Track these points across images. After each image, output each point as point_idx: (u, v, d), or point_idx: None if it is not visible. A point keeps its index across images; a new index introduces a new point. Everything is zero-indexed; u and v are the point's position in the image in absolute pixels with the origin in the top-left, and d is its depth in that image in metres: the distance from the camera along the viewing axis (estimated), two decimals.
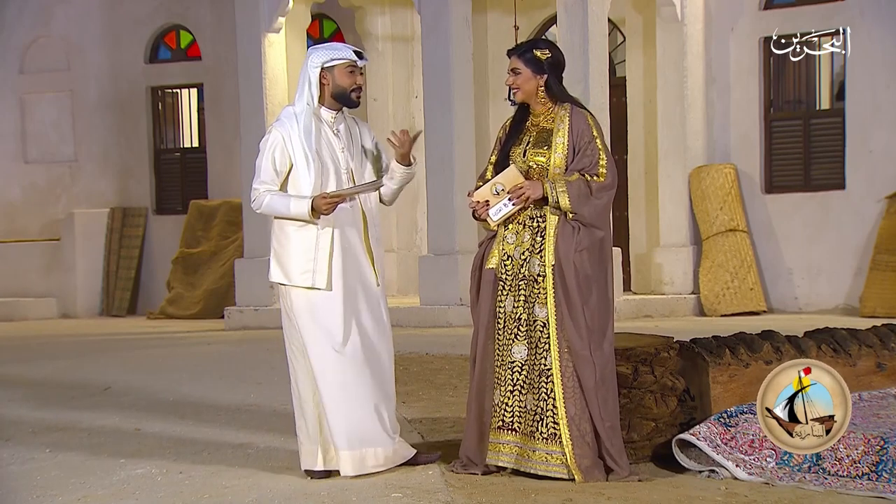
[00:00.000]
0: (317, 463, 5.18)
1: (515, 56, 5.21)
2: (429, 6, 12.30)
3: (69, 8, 16.55)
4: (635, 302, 12.58)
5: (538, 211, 5.11)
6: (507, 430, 5.09)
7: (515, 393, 5.08)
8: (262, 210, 5.27)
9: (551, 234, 5.06)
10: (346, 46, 5.33)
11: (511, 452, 5.08)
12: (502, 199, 5.09)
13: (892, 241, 12.23)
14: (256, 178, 5.28)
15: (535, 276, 5.07)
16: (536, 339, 5.04)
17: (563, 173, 5.09)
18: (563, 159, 5.10)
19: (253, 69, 13.18)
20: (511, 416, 5.08)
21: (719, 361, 5.51)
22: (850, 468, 4.79)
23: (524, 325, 5.08)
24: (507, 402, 5.09)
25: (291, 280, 5.20)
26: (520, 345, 5.08)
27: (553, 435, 4.97)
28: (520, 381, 5.07)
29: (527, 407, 5.05)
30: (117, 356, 10.38)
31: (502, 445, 5.11)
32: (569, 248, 5.01)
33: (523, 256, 5.11)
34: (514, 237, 5.17)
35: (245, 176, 12.99)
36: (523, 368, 5.07)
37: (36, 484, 5.32)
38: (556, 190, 5.01)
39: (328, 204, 5.12)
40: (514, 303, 5.11)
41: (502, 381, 5.11)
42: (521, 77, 5.19)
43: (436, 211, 12.30)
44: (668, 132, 13.21)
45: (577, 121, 5.14)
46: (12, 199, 16.97)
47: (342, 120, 5.37)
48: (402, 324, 11.48)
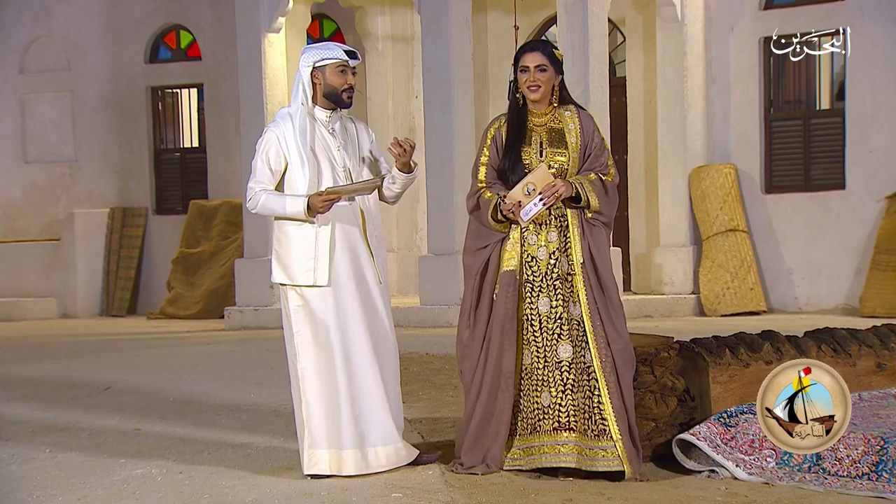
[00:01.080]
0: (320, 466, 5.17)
1: (540, 52, 5.18)
2: (429, 6, 12.30)
3: (69, 8, 16.55)
4: (635, 302, 12.58)
5: (559, 210, 5.14)
6: (565, 429, 5.04)
7: (567, 392, 5.06)
8: (258, 210, 5.27)
9: (576, 234, 5.12)
10: (338, 46, 5.32)
11: (572, 451, 5.02)
12: (533, 198, 5.09)
13: (892, 241, 12.23)
14: (252, 177, 5.29)
15: (565, 274, 5.09)
16: (575, 338, 5.07)
17: (576, 173, 5.15)
18: (577, 160, 5.17)
19: (253, 69, 13.18)
20: (566, 415, 5.04)
21: (719, 361, 5.51)
22: (850, 468, 4.79)
23: (566, 325, 5.08)
24: (561, 402, 5.05)
25: (293, 280, 5.20)
26: (565, 343, 5.08)
27: (603, 431, 5.01)
28: (570, 381, 5.06)
29: (578, 405, 5.05)
30: (117, 356, 10.38)
31: (561, 446, 5.04)
32: (595, 246, 5.11)
33: (554, 256, 5.11)
34: (535, 237, 5.16)
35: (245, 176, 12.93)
36: (571, 368, 5.07)
37: (36, 484, 5.32)
38: (586, 190, 5.08)
39: (324, 202, 5.12)
40: (552, 302, 5.10)
41: (552, 383, 5.08)
42: (546, 74, 5.18)
43: (436, 211, 12.30)
44: (668, 132, 13.22)
45: (586, 122, 5.22)
46: (12, 199, 16.97)
47: (337, 119, 5.36)
48: (402, 324, 11.46)
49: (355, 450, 5.16)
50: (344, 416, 5.15)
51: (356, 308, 5.22)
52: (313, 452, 5.17)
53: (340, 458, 5.16)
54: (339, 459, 5.16)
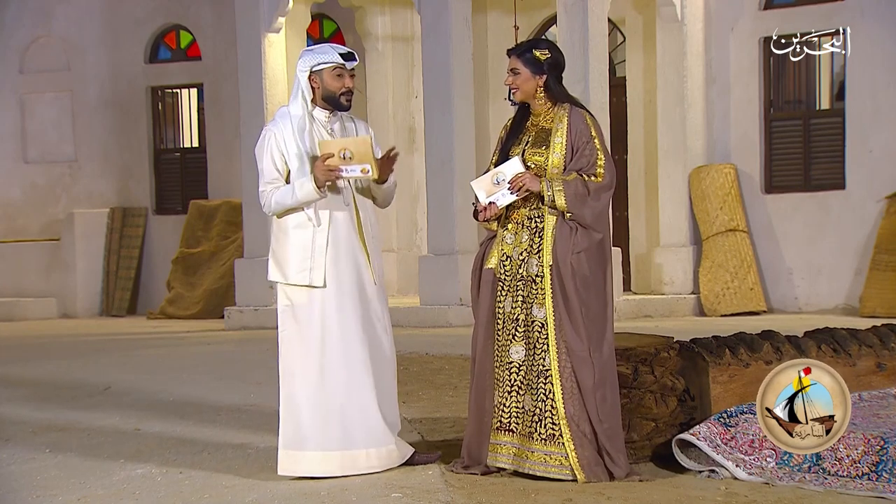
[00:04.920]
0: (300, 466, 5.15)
1: (515, 56, 5.21)
2: (429, 6, 12.30)
3: (69, 8, 16.55)
4: (635, 302, 12.58)
5: (536, 211, 5.11)
6: (505, 430, 5.09)
7: (513, 394, 5.07)
8: (273, 208, 5.25)
9: (549, 235, 5.05)
10: (334, 49, 5.30)
11: (509, 453, 5.08)
12: (502, 188, 5.10)
13: (892, 241, 12.23)
14: (261, 180, 5.29)
15: (534, 276, 5.07)
16: (535, 340, 5.04)
17: (561, 173, 5.08)
18: (562, 159, 5.10)
19: (253, 69, 13.18)
20: (508, 416, 5.08)
21: (719, 361, 5.51)
22: (850, 468, 4.79)
23: (522, 326, 5.07)
24: (505, 402, 5.09)
25: (288, 279, 5.21)
26: (517, 345, 5.08)
27: (552, 436, 4.97)
28: (517, 382, 5.07)
29: (524, 408, 5.05)
30: (117, 356, 10.38)
31: (500, 446, 5.11)
32: (566, 250, 5.01)
33: (521, 257, 5.11)
34: (512, 237, 5.16)
35: (245, 176, 13.00)
36: (521, 369, 5.07)
37: (36, 484, 5.32)
38: (553, 189, 5.01)
39: (323, 170, 5.08)
40: (513, 303, 5.10)
41: (500, 382, 5.11)
42: (520, 77, 5.19)
43: (436, 211, 12.30)
44: (668, 132, 13.21)
45: (575, 120, 5.13)
46: (12, 199, 16.97)
47: (337, 119, 5.37)
48: (402, 324, 11.48)
49: (341, 451, 5.14)
50: (329, 418, 5.14)
51: (350, 309, 5.21)
52: (289, 453, 5.16)
53: (325, 459, 5.13)
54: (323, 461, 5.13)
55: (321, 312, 5.18)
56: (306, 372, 5.18)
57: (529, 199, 5.12)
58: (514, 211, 5.17)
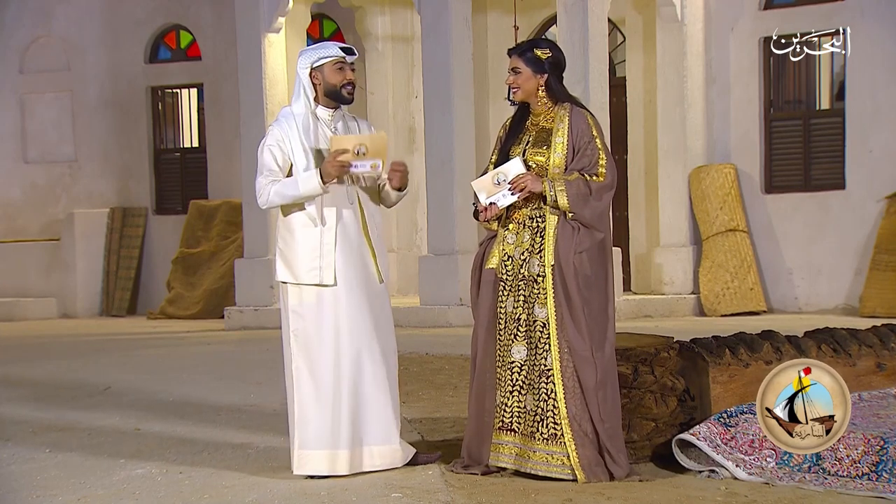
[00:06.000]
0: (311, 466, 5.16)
1: (516, 55, 5.21)
2: (429, 6, 12.30)
3: (69, 8, 16.55)
4: (635, 302, 12.58)
5: (538, 211, 5.11)
6: (507, 430, 5.09)
7: (515, 393, 5.07)
8: (270, 200, 5.22)
9: (551, 235, 5.05)
10: (334, 44, 5.34)
11: (511, 453, 5.08)
12: (503, 188, 5.09)
13: (892, 241, 12.23)
14: (259, 174, 5.28)
15: (535, 276, 5.06)
16: (536, 340, 5.04)
17: (563, 173, 5.08)
18: (563, 159, 5.09)
19: (253, 69, 13.19)
20: (510, 416, 5.08)
21: (719, 361, 5.51)
22: (850, 468, 4.79)
23: (524, 326, 5.07)
24: (507, 402, 5.09)
25: (298, 279, 5.21)
26: (519, 345, 5.08)
27: (553, 435, 4.97)
28: (519, 382, 5.07)
29: (526, 408, 5.05)
30: (117, 356, 10.38)
31: (502, 446, 5.11)
32: (568, 249, 5.00)
33: (523, 257, 5.11)
34: (513, 237, 5.16)
35: (245, 176, 13.00)
36: (523, 369, 5.07)
37: (36, 484, 5.32)
38: (555, 188, 5.01)
39: (336, 165, 5.09)
40: (515, 303, 5.10)
41: (502, 382, 5.11)
42: (521, 76, 5.19)
43: (436, 211, 12.30)
44: (668, 132, 13.21)
45: (576, 120, 5.13)
46: (12, 199, 16.97)
47: (340, 118, 5.38)
48: (402, 324, 11.44)
49: (350, 450, 5.16)
50: (340, 416, 5.15)
51: (359, 307, 5.22)
52: (303, 453, 5.16)
53: (335, 458, 5.14)
54: (332, 459, 5.15)
55: (331, 311, 5.19)
56: (318, 370, 5.17)
57: (531, 199, 5.12)
58: (515, 211, 5.16)
